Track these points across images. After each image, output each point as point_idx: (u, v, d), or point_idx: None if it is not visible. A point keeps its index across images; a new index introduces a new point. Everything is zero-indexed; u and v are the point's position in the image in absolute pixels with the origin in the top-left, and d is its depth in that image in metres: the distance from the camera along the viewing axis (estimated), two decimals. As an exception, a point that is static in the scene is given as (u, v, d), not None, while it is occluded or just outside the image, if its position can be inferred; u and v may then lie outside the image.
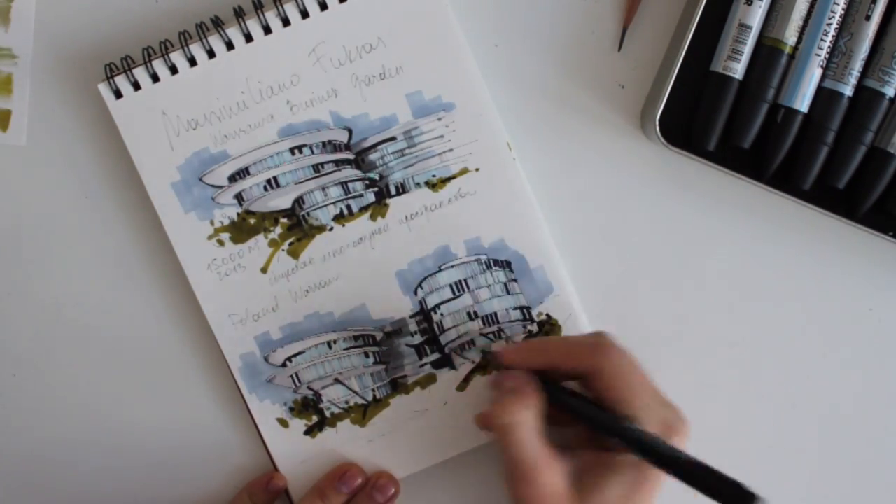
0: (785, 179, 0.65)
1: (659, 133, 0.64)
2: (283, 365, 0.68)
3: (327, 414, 0.68)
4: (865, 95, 0.64)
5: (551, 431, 0.61)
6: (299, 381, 0.68)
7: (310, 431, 0.69)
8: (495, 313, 0.68)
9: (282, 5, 0.65)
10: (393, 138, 0.67)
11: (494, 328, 0.68)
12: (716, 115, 0.65)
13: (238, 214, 0.67)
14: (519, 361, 0.62)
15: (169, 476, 0.70)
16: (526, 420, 0.59)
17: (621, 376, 0.59)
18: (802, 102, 0.64)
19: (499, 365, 0.63)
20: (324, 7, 0.65)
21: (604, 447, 0.61)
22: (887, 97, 0.64)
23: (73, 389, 0.70)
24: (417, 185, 0.67)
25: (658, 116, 0.64)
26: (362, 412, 0.69)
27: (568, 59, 0.68)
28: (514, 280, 0.68)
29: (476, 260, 0.68)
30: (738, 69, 0.65)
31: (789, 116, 0.65)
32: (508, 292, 0.68)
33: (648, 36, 0.68)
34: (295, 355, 0.68)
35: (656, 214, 0.69)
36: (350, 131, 0.67)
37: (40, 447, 0.70)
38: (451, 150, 0.67)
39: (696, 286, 0.70)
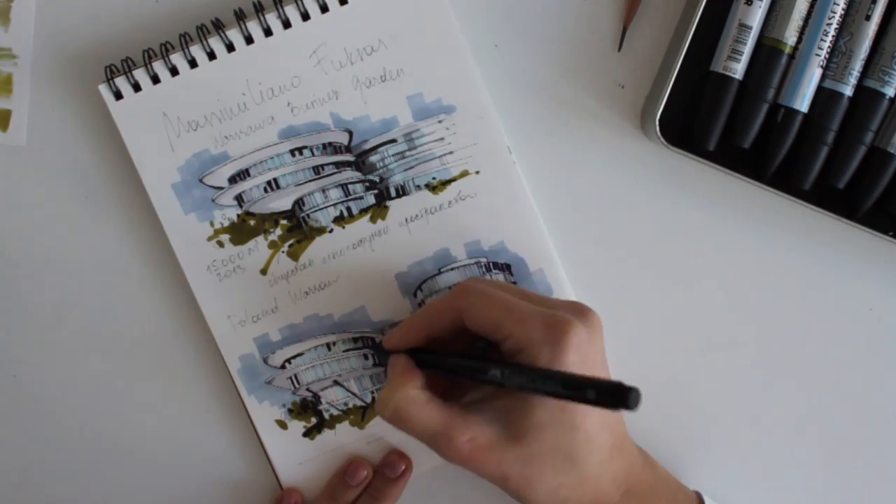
0: (785, 179, 0.65)
1: (659, 133, 0.64)
2: (283, 366, 0.68)
3: (326, 416, 0.68)
4: (865, 95, 0.64)
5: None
6: (298, 383, 0.68)
7: (308, 433, 0.68)
8: (495, 316, 0.68)
9: (282, 7, 0.65)
10: (393, 140, 0.67)
11: (494, 330, 0.68)
12: (716, 116, 0.65)
13: (238, 216, 0.67)
14: (399, 344, 0.62)
15: (167, 477, 0.70)
16: (406, 398, 0.58)
17: (483, 304, 0.58)
18: (802, 102, 0.64)
19: (385, 353, 0.65)
20: (324, 9, 0.65)
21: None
22: (887, 97, 0.64)
23: (72, 390, 0.70)
24: (418, 187, 0.67)
25: (658, 116, 0.64)
26: (361, 414, 0.68)
27: (568, 59, 0.68)
28: (514, 283, 0.68)
29: (476, 263, 0.68)
30: (738, 69, 0.64)
31: (789, 116, 0.64)
32: (509, 295, 0.68)
33: (648, 36, 0.68)
34: (294, 357, 0.68)
35: (656, 215, 0.69)
36: (350, 133, 0.67)
37: (40, 447, 0.70)
38: (451, 152, 0.67)
39: (696, 286, 0.69)
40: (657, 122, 0.64)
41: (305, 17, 0.65)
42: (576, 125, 0.68)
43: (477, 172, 0.67)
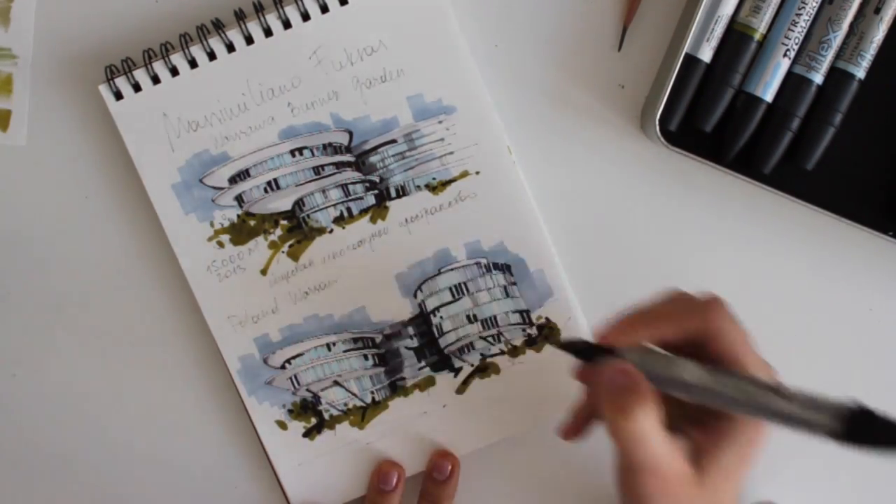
0: (784, 178, 0.65)
1: (659, 133, 0.64)
2: (283, 367, 0.68)
3: (326, 416, 0.68)
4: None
5: None
6: (298, 384, 0.68)
7: (308, 434, 0.68)
8: (495, 316, 0.68)
9: (282, 7, 0.65)
10: (393, 141, 0.67)
11: (494, 331, 0.68)
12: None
13: (238, 216, 0.67)
14: (622, 340, 0.54)
15: (167, 477, 0.70)
16: (652, 424, 0.51)
17: (738, 337, 0.54)
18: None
19: (582, 349, 0.56)
20: (325, 9, 0.65)
21: (704, 420, 0.55)
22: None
23: (72, 390, 0.70)
24: (418, 187, 0.67)
25: (658, 116, 0.64)
26: (361, 414, 0.68)
27: (568, 59, 0.68)
28: (514, 283, 0.68)
29: (476, 263, 0.68)
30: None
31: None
32: (508, 296, 0.68)
33: (648, 36, 0.68)
34: (294, 357, 0.68)
35: (656, 215, 0.69)
36: (351, 134, 0.67)
37: (40, 447, 0.70)
38: (451, 153, 0.67)
39: (696, 287, 0.69)
40: (657, 122, 0.64)
41: (305, 17, 0.65)
42: (576, 125, 0.68)
43: (477, 173, 0.67)
